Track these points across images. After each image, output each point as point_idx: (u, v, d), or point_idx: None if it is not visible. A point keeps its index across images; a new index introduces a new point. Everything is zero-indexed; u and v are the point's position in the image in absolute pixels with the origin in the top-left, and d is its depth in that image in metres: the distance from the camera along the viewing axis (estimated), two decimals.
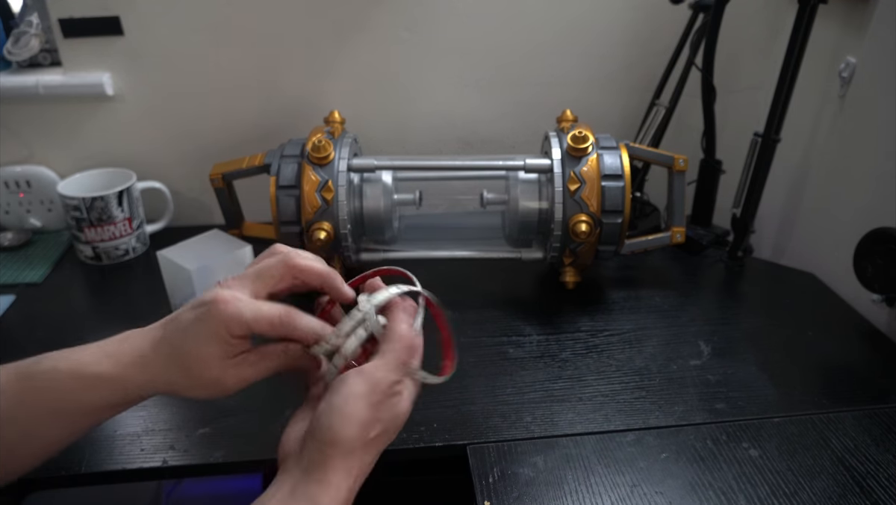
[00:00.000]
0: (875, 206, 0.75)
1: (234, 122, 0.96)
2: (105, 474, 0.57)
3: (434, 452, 0.58)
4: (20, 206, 0.96)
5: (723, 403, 0.63)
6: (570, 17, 0.93)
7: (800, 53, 0.77)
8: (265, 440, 0.58)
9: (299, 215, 0.74)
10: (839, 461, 0.57)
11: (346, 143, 0.76)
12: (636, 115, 0.96)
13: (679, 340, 0.73)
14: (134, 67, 0.91)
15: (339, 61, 0.93)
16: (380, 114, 0.97)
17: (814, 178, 0.87)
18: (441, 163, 0.78)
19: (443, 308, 0.49)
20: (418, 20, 0.91)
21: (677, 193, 0.80)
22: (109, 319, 0.79)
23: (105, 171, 0.93)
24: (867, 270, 0.70)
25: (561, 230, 0.74)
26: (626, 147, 0.77)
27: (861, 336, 0.74)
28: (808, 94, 0.84)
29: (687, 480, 0.55)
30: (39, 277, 0.86)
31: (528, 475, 0.55)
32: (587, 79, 0.97)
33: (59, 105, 0.93)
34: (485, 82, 0.97)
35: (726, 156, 0.89)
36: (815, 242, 0.87)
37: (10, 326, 0.77)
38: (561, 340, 0.73)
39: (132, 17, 0.88)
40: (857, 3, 0.77)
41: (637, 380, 0.67)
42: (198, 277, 0.71)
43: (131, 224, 0.89)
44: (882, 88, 0.74)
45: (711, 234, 0.91)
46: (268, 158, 0.77)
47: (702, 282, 0.86)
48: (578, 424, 0.61)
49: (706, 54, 0.82)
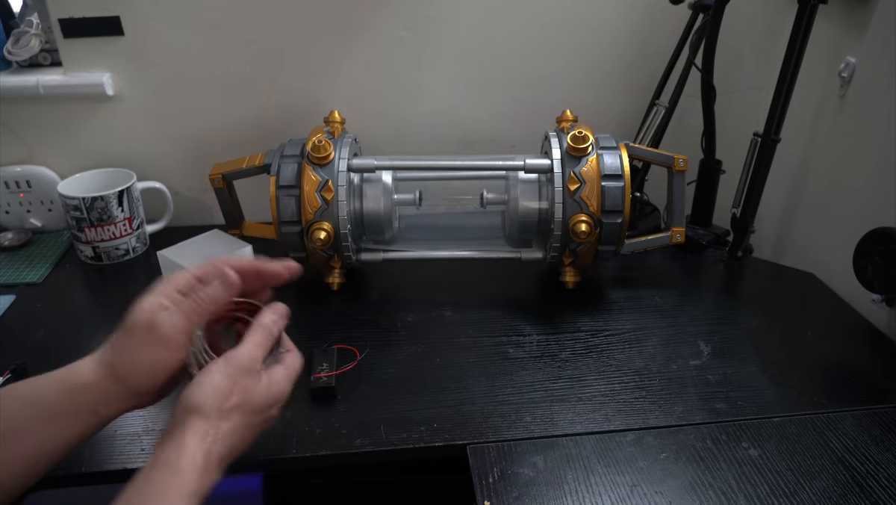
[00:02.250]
0: (875, 206, 0.75)
1: (234, 122, 0.96)
2: (105, 474, 0.57)
3: (434, 452, 0.58)
4: (20, 206, 0.96)
5: (722, 403, 0.63)
6: (571, 17, 0.93)
7: (800, 53, 0.77)
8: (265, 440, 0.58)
9: (299, 215, 0.74)
10: (839, 461, 0.57)
11: (346, 143, 0.76)
12: (636, 115, 0.96)
13: (679, 339, 0.73)
14: (134, 67, 0.91)
15: (339, 61, 0.93)
16: (380, 114, 0.97)
17: (814, 179, 0.87)
18: (441, 163, 0.78)
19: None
20: (418, 20, 0.91)
21: (677, 193, 0.80)
22: (109, 319, 0.78)
23: (105, 171, 0.93)
24: (867, 270, 0.70)
25: (561, 230, 0.74)
26: (626, 147, 0.77)
27: (861, 336, 0.74)
28: (808, 94, 0.84)
29: (687, 480, 0.55)
30: (39, 277, 0.86)
31: (528, 475, 0.55)
32: (587, 79, 0.97)
33: (59, 105, 0.93)
34: (485, 82, 0.97)
35: (726, 156, 0.89)
36: (815, 242, 0.87)
37: (10, 326, 0.77)
38: (561, 340, 0.73)
39: (132, 17, 0.88)
40: (857, 3, 0.77)
41: (637, 380, 0.67)
42: None
43: (131, 224, 0.90)
44: (882, 88, 0.74)
45: (711, 235, 0.91)
46: (268, 158, 0.77)
47: (702, 282, 0.86)
48: (578, 424, 0.61)
49: (706, 54, 0.82)
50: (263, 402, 0.47)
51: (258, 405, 0.46)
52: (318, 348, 0.69)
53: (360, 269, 0.85)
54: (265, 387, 0.47)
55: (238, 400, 0.45)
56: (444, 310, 0.78)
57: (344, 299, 0.80)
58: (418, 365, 0.68)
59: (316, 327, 0.75)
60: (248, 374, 0.46)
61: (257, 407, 0.46)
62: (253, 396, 0.46)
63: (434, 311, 0.78)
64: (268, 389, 0.47)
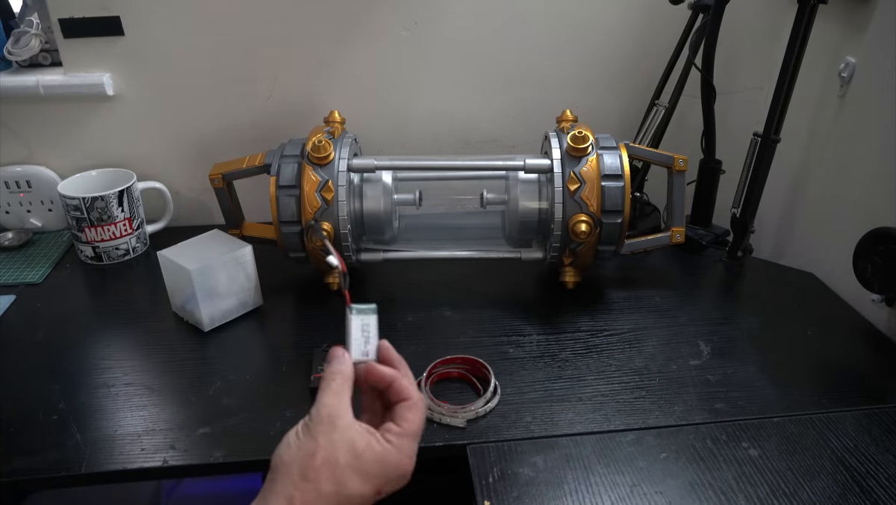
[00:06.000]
0: (875, 206, 0.75)
1: (234, 122, 0.96)
2: (105, 474, 0.57)
3: (434, 452, 0.58)
4: (20, 206, 0.96)
5: (722, 403, 0.63)
6: (570, 17, 0.93)
7: (800, 53, 0.77)
8: (265, 440, 0.58)
9: (299, 215, 0.74)
10: (839, 461, 0.57)
11: (346, 143, 0.76)
12: (636, 115, 0.96)
13: (679, 339, 0.73)
14: (134, 67, 0.91)
15: (339, 61, 0.93)
16: (379, 114, 0.97)
17: (814, 179, 0.87)
18: (441, 163, 0.78)
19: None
20: (418, 20, 0.91)
21: (677, 193, 0.80)
22: (109, 319, 0.79)
23: (105, 171, 0.93)
24: (867, 270, 0.70)
25: (561, 230, 0.74)
26: (626, 147, 0.77)
27: (861, 336, 0.74)
28: (808, 94, 0.84)
29: (686, 480, 0.55)
30: (39, 277, 0.86)
31: (527, 475, 0.55)
32: (587, 79, 0.97)
33: (59, 105, 0.93)
34: (485, 82, 0.97)
35: (726, 156, 0.89)
36: (815, 242, 0.87)
37: (10, 326, 0.77)
38: (561, 340, 0.73)
39: (132, 17, 0.88)
40: (857, 3, 0.77)
41: (637, 380, 0.67)
42: (198, 277, 0.71)
43: (131, 224, 0.90)
44: (882, 88, 0.74)
45: (711, 235, 0.91)
46: (268, 158, 0.77)
47: (702, 282, 0.86)
48: (578, 424, 0.61)
49: (706, 54, 0.82)
50: (372, 466, 0.39)
51: (359, 467, 0.39)
52: (318, 348, 0.69)
53: (360, 269, 0.85)
54: (370, 446, 0.40)
55: (324, 457, 0.39)
56: (444, 310, 0.78)
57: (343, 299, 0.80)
58: (418, 365, 0.68)
59: (316, 327, 0.75)
60: (332, 427, 0.40)
61: (359, 468, 0.39)
62: (340, 453, 0.39)
63: (434, 311, 0.78)
64: (373, 448, 0.40)
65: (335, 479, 0.38)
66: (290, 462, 0.39)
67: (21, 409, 0.64)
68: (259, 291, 0.78)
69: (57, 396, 0.65)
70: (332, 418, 0.40)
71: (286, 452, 0.40)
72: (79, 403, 0.64)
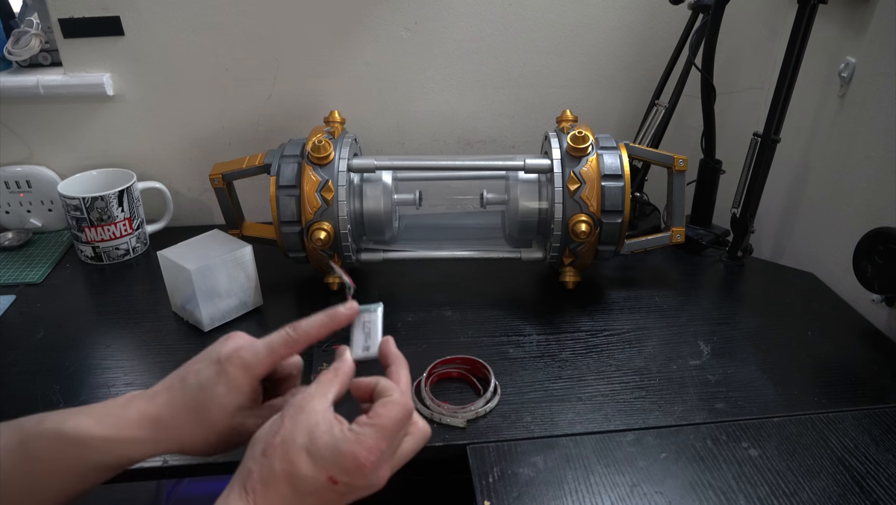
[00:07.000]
0: (875, 206, 0.75)
1: (234, 122, 0.96)
2: None
3: (434, 452, 0.58)
4: (20, 206, 0.96)
5: (722, 403, 0.63)
6: (570, 17, 0.93)
7: (800, 53, 0.77)
8: None
9: (299, 215, 0.74)
10: (839, 461, 0.57)
11: (346, 143, 0.76)
12: (636, 115, 0.96)
13: (679, 339, 0.73)
14: (134, 67, 0.91)
15: (339, 61, 0.93)
16: (380, 114, 0.97)
17: (814, 179, 0.87)
18: (441, 163, 0.78)
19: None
20: (418, 20, 0.91)
21: (677, 193, 0.80)
22: (109, 319, 0.79)
23: (105, 171, 0.93)
24: (867, 270, 0.70)
25: (561, 230, 0.74)
26: (626, 147, 0.77)
27: (861, 336, 0.74)
28: (808, 94, 0.84)
29: (686, 480, 0.55)
30: (39, 277, 0.86)
31: (527, 475, 0.55)
32: (587, 79, 0.97)
33: (59, 105, 0.93)
34: (485, 82, 0.97)
35: (726, 156, 0.89)
36: (815, 242, 0.87)
37: (10, 326, 0.77)
38: (561, 340, 0.73)
39: (132, 17, 0.88)
40: (857, 3, 0.77)
41: (637, 380, 0.67)
42: (198, 276, 0.71)
43: (131, 224, 0.90)
44: (882, 88, 0.74)
45: (711, 235, 0.91)
46: (268, 158, 0.77)
47: (702, 282, 0.86)
48: (578, 424, 0.61)
49: (706, 54, 0.82)
50: (325, 451, 0.39)
51: (314, 451, 0.39)
52: (317, 348, 0.69)
53: (360, 269, 0.85)
54: (328, 432, 0.39)
55: (283, 437, 0.39)
56: (444, 310, 0.78)
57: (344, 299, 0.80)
58: (418, 365, 0.68)
59: None
60: (299, 410, 0.40)
61: (312, 451, 0.39)
62: (298, 435, 0.39)
63: (434, 311, 0.78)
64: (331, 433, 0.39)
65: (288, 458, 0.39)
66: (257, 439, 0.40)
67: (21, 409, 0.63)
68: (259, 291, 0.78)
69: (57, 396, 0.65)
70: (303, 403, 0.41)
71: (260, 430, 0.41)
72: (79, 403, 0.63)
